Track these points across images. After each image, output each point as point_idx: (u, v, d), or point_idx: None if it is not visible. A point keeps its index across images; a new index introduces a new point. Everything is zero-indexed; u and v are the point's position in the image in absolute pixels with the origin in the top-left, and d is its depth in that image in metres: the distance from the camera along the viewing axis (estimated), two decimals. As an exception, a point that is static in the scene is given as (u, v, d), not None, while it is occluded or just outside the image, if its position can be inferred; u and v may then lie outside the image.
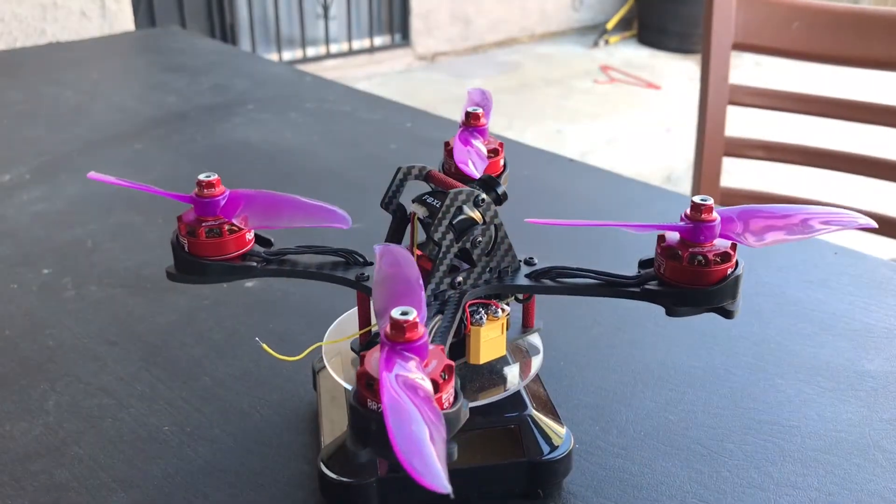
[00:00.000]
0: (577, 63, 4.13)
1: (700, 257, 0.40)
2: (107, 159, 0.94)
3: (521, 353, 0.46)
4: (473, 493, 0.44)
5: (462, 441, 0.44)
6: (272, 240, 0.45)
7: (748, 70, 3.78)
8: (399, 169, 0.44)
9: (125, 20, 1.87)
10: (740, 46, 1.17)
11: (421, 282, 0.36)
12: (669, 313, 0.41)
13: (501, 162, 0.49)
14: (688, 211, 0.40)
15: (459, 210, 0.42)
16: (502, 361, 0.45)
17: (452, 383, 0.33)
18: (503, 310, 0.43)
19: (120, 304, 0.64)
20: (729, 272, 0.41)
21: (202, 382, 0.54)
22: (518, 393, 0.45)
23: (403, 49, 4.06)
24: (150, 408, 0.52)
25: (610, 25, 4.45)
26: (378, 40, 4.01)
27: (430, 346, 0.33)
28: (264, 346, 0.45)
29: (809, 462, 0.47)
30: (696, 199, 0.40)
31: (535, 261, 0.44)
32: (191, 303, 0.63)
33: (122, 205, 0.81)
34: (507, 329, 0.44)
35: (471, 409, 0.43)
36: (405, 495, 0.43)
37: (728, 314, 0.41)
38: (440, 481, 0.27)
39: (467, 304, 0.42)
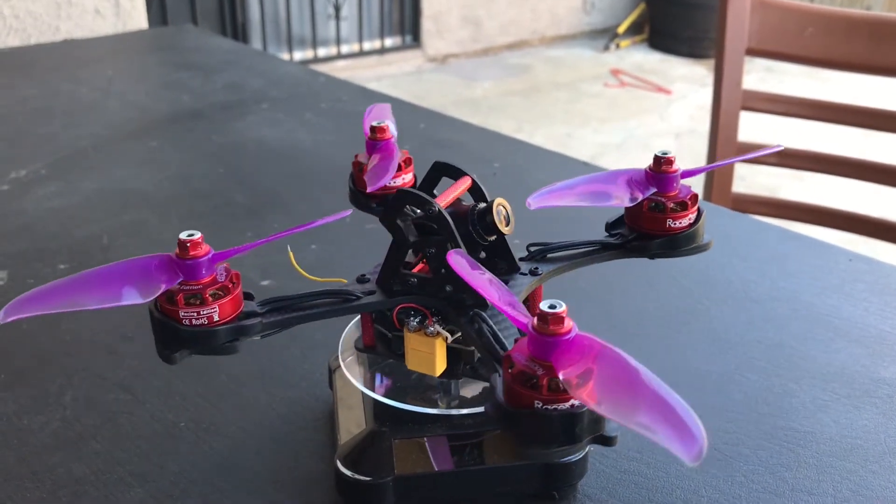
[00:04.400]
0: (588, 67, 4.13)
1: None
2: (122, 156, 0.94)
3: None
4: (489, 493, 0.44)
5: (479, 442, 0.44)
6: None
7: (759, 75, 3.77)
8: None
9: (139, 18, 1.88)
10: (754, 52, 1.17)
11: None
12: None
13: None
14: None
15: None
16: None
17: None
18: (438, 332, 0.41)
19: (136, 301, 0.64)
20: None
21: (219, 379, 0.55)
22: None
23: (414, 51, 4.06)
24: (167, 403, 0.52)
25: (621, 29, 4.45)
26: (389, 41, 4.01)
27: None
28: (291, 254, 0.46)
29: (825, 468, 0.47)
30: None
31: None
32: (206, 300, 0.64)
33: (138, 202, 0.81)
34: (441, 356, 0.42)
35: (486, 410, 0.44)
36: (421, 493, 0.43)
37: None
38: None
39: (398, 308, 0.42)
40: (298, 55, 3.75)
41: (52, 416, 0.51)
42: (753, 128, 1.75)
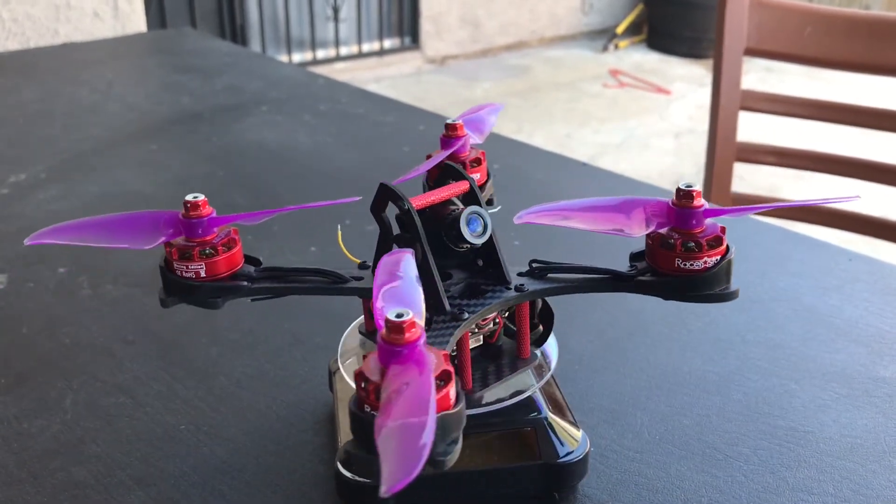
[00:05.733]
0: (587, 67, 4.13)
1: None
2: (122, 159, 0.94)
3: (535, 356, 0.46)
4: (489, 495, 0.44)
5: (478, 443, 0.44)
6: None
7: (758, 75, 3.77)
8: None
9: (137, 21, 1.88)
10: (752, 52, 1.17)
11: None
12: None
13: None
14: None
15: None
16: (518, 364, 0.45)
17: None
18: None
19: (136, 303, 0.64)
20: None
21: (218, 382, 0.55)
22: (534, 396, 0.45)
23: (413, 52, 4.06)
24: (167, 406, 0.52)
25: (619, 30, 4.45)
26: (388, 43, 4.01)
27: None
28: (339, 233, 0.47)
29: (825, 468, 0.47)
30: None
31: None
32: (206, 303, 0.64)
33: (138, 205, 0.81)
34: None
35: (487, 411, 0.44)
36: (422, 495, 0.43)
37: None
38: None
39: None
40: (297, 57, 3.75)
41: (53, 420, 0.51)
42: (752, 128, 1.75)
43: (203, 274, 0.42)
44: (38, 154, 0.95)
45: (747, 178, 2.61)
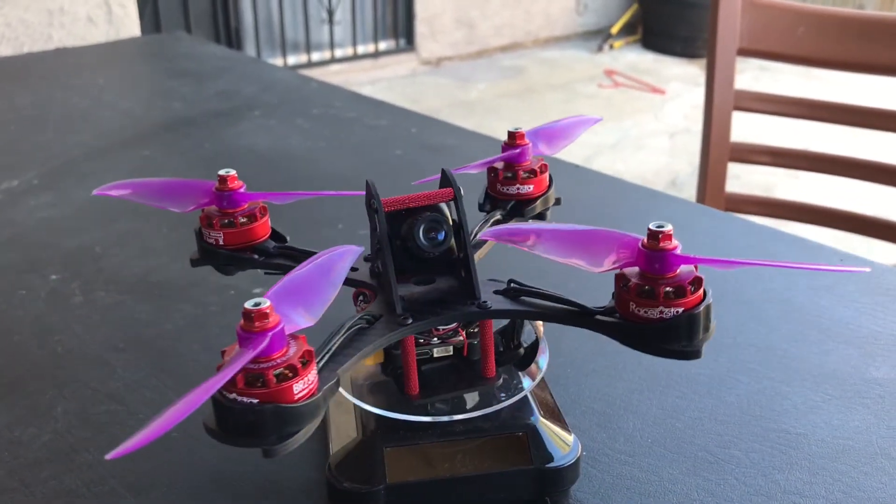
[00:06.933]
0: (582, 67, 4.13)
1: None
2: (115, 165, 0.94)
3: (500, 376, 0.46)
4: (480, 500, 0.44)
5: (469, 448, 0.44)
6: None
7: (753, 74, 3.78)
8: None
9: (131, 26, 1.87)
10: (746, 52, 1.17)
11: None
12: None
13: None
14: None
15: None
16: (476, 382, 0.45)
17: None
18: None
19: (128, 311, 0.64)
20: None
21: (210, 389, 0.54)
22: (525, 400, 0.45)
23: (408, 54, 4.07)
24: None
25: (614, 30, 4.45)
26: (383, 45, 4.02)
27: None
28: None
29: (816, 470, 0.47)
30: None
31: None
32: (198, 309, 0.64)
33: (130, 212, 0.81)
34: None
35: (478, 416, 0.44)
36: (414, 500, 0.43)
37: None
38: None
39: None
40: (292, 60, 3.75)
41: (44, 429, 0.51)
42: (746, 127, 1.76)
43: (221, 241, 0.46)
44: (30, 160, 0.95)
45: (743, 178, 2.61)
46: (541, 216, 0.51)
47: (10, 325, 0.62)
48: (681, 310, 0.36)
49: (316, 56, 3.83)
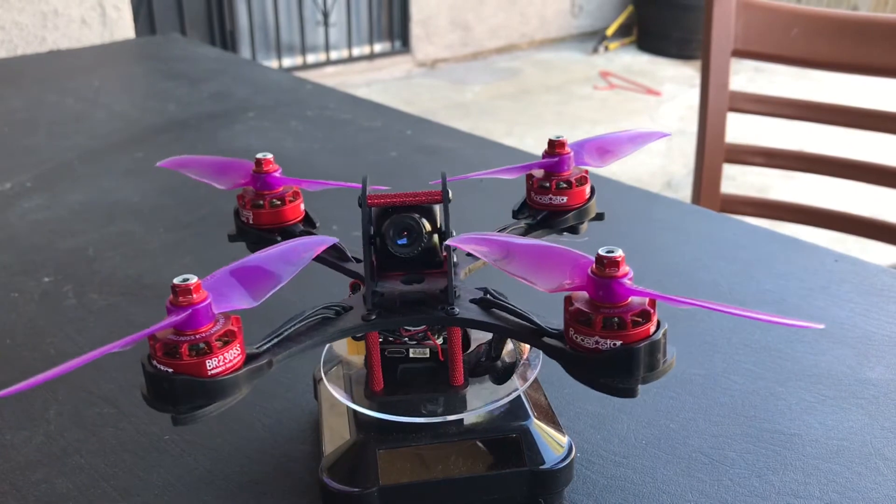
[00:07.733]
0: (577, 69, 4.13)
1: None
2: (108, 167, 0.94)
3: (468, 385, 0.46)
4: (474, 502, 0.44)
5: (463, 450, 0.44)
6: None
7: (748, 75, 3.79)
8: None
9: (125, 28, 1.87)
10: (740, 53, 1.17)
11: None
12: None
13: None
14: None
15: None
16: (440, 388, 0.44)
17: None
18: None
19: (121, 313, 0.64)
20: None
21: (203, 391, 0.54)
22: (519, 401, 0.45)
23: (403, 56, 4.07)
24: (151, 416, 0.52)
25: (609, 32, 4.46)
26: (378, 47, 4.02)
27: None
28: None
29: (811, 470, 0.47)
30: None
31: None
32: (192, 311, 0.63)
33: (123, 213, 0.81)
34: None
35: (471, 417, 0.44)
36: (407, 502, 0.43)
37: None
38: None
39: None
40: (288, 62, 3.75)
41: (36, 431, 0.51)
42: (741, 129, 1.76)
43: (250, 221, 0.49)
44: (23, 163, 0.95)
45: (738, 179, 2.62)
46: (572, 230, 0.49)
47: (3, 327, 0.62)
48: (618, 343, 0.34)
49: (311, 58, 3.83)
